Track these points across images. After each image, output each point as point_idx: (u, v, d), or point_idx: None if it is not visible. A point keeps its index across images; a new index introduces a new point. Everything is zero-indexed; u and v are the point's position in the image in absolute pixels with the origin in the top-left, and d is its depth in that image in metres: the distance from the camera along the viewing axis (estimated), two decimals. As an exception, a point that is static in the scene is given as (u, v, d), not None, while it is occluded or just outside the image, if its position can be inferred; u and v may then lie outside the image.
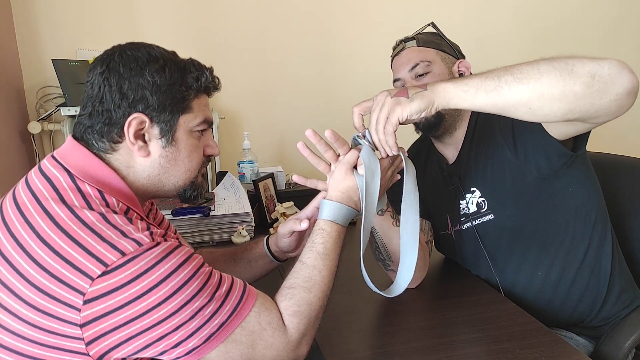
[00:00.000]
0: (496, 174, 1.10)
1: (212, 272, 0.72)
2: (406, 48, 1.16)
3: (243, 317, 0.71)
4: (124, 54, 0.74)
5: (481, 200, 1.12)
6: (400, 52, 1.17)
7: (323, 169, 0.95)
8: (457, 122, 1.16)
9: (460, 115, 1.16)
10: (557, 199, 1.07)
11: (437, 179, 1.24)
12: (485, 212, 1.12)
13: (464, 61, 1.17)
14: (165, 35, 2.02)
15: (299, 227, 0.95)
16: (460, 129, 1.17)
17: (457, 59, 1.17)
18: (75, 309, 0.62)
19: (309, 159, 0.95)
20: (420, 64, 1.12)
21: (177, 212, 1.41)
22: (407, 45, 1.16)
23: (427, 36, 1.17)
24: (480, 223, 1.13)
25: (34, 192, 0.69)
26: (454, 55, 1.17)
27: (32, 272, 0.63)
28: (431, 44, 1.16)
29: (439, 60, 1.14)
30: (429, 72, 1.12)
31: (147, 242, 0.66)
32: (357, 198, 0.89)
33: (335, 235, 0.85)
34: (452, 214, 1.19)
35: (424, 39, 1.16)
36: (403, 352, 0.88)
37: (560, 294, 1.09)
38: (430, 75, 1.12)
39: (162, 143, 0.76)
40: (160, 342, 0.65)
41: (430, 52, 1.14)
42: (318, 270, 0.81)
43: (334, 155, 0.93)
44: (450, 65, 1.16)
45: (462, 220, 1.17)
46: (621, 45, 2.55)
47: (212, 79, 0.81)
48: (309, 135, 0.92)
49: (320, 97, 2.27)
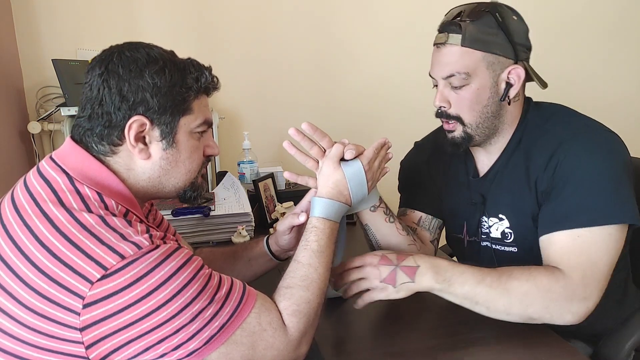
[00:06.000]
0: (527, 206, 0.99)
1: (212, 273, 0.72)
2: (447, 45, 0.95)
3: (243, 318, 0.71)
4: (123, 55, 0.73)
5: (508, 231, 1.03)
6: (440, 46, 0.97)
7: (311, 166, 0.95)
8: (493, 136, 1.02)
9: (500, 125, 1.00)
10: None
11: (460, 183, 1.12)
12: (509, 243, 1.04)
13: (516, 68, 0.96)
14: (165, 35, 2.02)
15: (297, 220, 0.96)
16: (501, 138, 1.02)
17: (512, 61, 0.96)
18: (74, 312, 0.62)
19: (296, 157, 0.95)
20: (456, 76, 0.95)
21: (177, 212, 1.41)
22: (450, 40, 0.95)
23: (479, 28, 0.94)
24: (501, 250, 1.05)
25: (32, 195, 0.69)
26: (509, 56, 0.95)
27: (31, 275, 0.63)
28: (479, 43, 0.94)
29: (483, 68, 0.95)
30: (467, 84, 0.96)
31: (147, 245, 0.66)
32: (347, 192, 0.90)
33: (328, 232, 0.86)
34: (469, 225, 1.10)
35: (473, 34, 0.94)
36: (403, 352, 0.88)
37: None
38: (466, 89, 0.96)
39: (162, 145, 0.76)
40: (160, 344, 0.65)
41: (475, 56, 0.94)
42: (314, 268, 0.81)
43: (320, 151, 0.94)
44: (498, 73, 0.96)
45: (482, 238, 1.08)
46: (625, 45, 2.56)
47: (212, 79, 0.80)
48: (292, 134, 0.93)
49: (320, 97, 2.27)
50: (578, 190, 0.90)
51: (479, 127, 0.99)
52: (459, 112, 0.98)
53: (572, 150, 0.92)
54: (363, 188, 0.93)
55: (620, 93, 2.59)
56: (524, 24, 0.98)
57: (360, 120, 2.31)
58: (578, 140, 0.93)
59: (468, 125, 0.99)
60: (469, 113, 0.98)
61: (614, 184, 0.89)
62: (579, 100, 2.46)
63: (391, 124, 2.32)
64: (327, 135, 0.94)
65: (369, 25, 2.27)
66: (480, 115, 0.98)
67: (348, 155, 0.92)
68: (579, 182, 0.90)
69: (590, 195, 0.89)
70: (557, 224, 0.91)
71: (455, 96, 0.97)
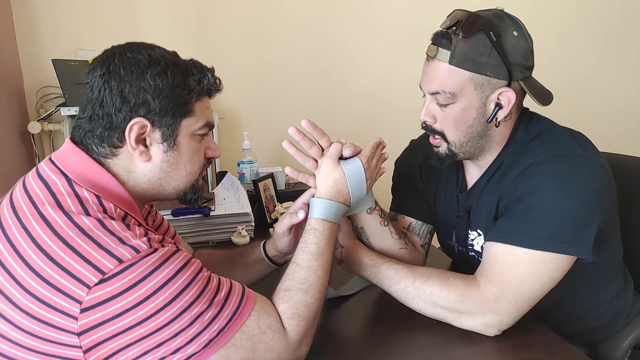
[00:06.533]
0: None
1: (211, 276, 0.72)
2: (435, 60, 0.91)
3: (242, 321, 0.71)
4: (125, 56, 0.72)
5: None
6: (430, 59, 0.93)
7: (310, 166, 0.94)
8: (480, 154, 1.00)
9: (487, 144, 0.98)
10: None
11: (449, 194, 1.11)
12: None
13: (507, 91, 0.91)
14: (165, 35, 2.02)
15: (296, 218, 0.94)
16: (488, 155, 1.00)
17: (504, 82, 0.90)
18: (72, 317, 0.62)
19: (295, 157, 0.94)
20: (442, 94, 0.92)
21: (177, 213, 1.41)
22: (439, 56, 0.90)
23: (471, 46, 0.88)
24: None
25: (31, 196, 0.68)
26: (502, 77, 0.90)
27: (29, 279, 0.63)
28: (469, 63, 0.88)
29: (470, 89, 0.90)
30: (452, 104, 0.92)
31: (145, 249, 0.65)
32: (346, 191, 0.90)
33: (327, 234, 0.85)
34: (458, 235, 1.10)
35: (463, 53, 0.88)
36: (402, 351, 0.88)
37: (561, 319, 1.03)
38: (452, 107, 0.93)
39: (163, 147, 0.75)
40: (159, 348, 0.65)
41: (463, 76, 0.90)
42: (313, 271, 0.81)
43: (319, 151, 0.94)
44: (487, 94, 0.91)
45: (469, 248, 1.08)
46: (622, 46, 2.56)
47: (214, 81, 0.80)
48: (292, 133, 0.93)
49: (320, 97, 2.27)
50: (526, 211, 0.89)
51: (463, 146, 0.97)
52: (443, 129, 0.96)
53: (538, 172, 0.90)
54: (362, 187, 0.93)
55: (618, 94, 2.59)
56: (524, 41, 0.91)
57: (360, 121, 2.31)
58: (548, 163, 0.90)
59: (452, 143, 0.97)
60: (453, 131, 0.95)
61: (568, 214, 0.86)
62: (576, 102, 2.48)
63: (390, 125, 2.32)
64: (326, 135, 0.94)
65: (369, 25, 2.26)
66: (464, 135, 0.95)
67: (347, 152, 0.92)
68: (530, 204, 0.89)
69: (537, 219, 0.87)
70: (497, 236, 0.91)
71: (441, 113, 0.95)
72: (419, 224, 1.15)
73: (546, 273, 0.87)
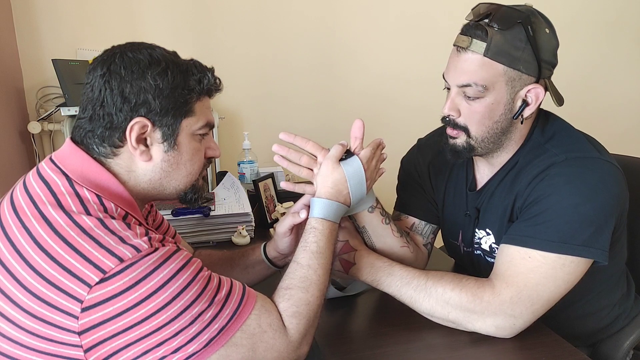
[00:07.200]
0: (508, 225, 0.97)
1: (212, 275, 0.72)
2: (468, 51, 0.89)
3: (243, 320, 0.71)
4: (125, 56, 0.73)
5: (495, 246, 1.03)
6: (460, 50, 0.90)
7: (306, 175, 0.95)
8: (496, 150, 0.98)
9: (506, 142, 0.97)
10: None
11: (459, 193, 1.10)
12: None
13: (536, 88, 0.90)
14: (165, 35, 2.02)
15: (298, 218, 0.95)
16: (504, 153, 0.99)
17: (533, 78, 0.90)
18: (73, 316, 0.62)
19: (289, 169, 0.95)
20: (472, 87, 0.89)
21: (177, 212, 1.41)
22: (473, 47, 0.88)
23: (507, 40, 0.87)
24: (492, 262, 1.04)
25: (31, 197, 0.69)
26: (532, 74, 0.90)
27: (30, 279, 0.63)
28: (504, 56, 0.87)
29: (502, 84, 0.89)
30: (481, 97, 0.90)
31: (146, 248, 0.65)
32: (346, 192, 0.90)
33: (327, 233, 0.85)
34: (464, 235, 1.10)
35: (500, 45, 0.87)
36: (403, 352, 0.88)
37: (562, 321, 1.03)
38: (480, 102, 0.91)
39: (164, 147, 0.75)
40: (159, 347, 0.65)
41: (497, 69, 0.88)
42: (313, 270, 0.81)
43: (310, 159, 0.94)
44: (517, 90, 0.90)
45: (475, 247, 1.08)
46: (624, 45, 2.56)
47: (214, 81, 0.80)
48: (275, 149, 0.94)
49: (321, 97, 2.27)
50: (544, 214, 0.88)
51: (484, 141, 0.95)
52: (467, 123, 0.94)
53: (556, 173, 0.89)
54: (362, 187, 0.93)
55: (620, 93, 2.60)
56: (554, 39, 0.92)
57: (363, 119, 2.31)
58: (566, 165, 0.90)
59: (473, 137, 0.95)
60: (478, 126, 0.94)
61: (585, 217, 0.86)
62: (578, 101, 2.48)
63: (393, 124, 2.32)
64: (310, 140, 0.94)
65: (371, 23, 2.26)
66: (488, 131, 0.94)
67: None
68: (548, 206, 0.88)
69: (555, 222, 0.87)
70: (514, 239, 0.90)
71: (467, 107, 0.93)
72: (422, 224, 1.15)
73: (563, 276, 0.87)
